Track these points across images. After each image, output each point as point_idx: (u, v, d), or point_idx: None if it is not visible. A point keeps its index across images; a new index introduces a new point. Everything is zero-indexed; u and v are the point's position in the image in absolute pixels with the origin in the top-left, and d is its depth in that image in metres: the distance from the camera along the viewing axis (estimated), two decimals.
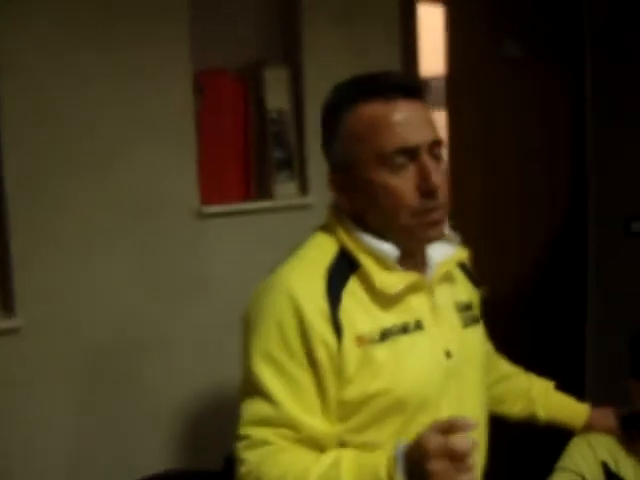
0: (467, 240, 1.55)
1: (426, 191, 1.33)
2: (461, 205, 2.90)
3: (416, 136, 1.33)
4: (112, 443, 2.10)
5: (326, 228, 1.45)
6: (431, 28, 2.98)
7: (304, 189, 2.45)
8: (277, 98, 2.38)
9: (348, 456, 1.23)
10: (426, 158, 1.34)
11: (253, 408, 1.32)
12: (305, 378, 1.30)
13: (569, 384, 1.82)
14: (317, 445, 1.30)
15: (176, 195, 2.20)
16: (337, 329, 1.31)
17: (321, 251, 1.40)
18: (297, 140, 2.43)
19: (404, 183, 1.33)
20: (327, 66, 2.36)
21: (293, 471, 1.23)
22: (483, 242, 2.87)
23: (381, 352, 1.32)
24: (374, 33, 2.60)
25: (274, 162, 2.38)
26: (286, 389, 1.30)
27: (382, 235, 1.38)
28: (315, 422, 1.30)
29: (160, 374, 2.17)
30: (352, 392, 1.32)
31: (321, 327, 1.30)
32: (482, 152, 2.99)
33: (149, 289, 2.16)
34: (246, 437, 1.31)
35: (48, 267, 1.99)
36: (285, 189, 2.41)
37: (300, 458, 1.26)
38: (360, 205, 1.39)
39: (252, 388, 1.32)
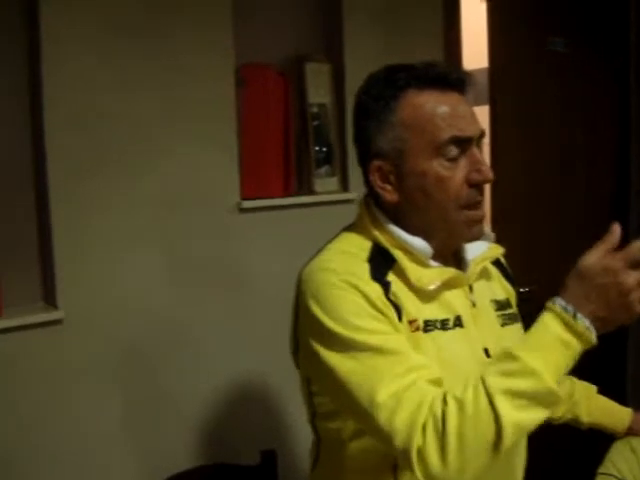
0: (508, 237, 1.53)
1: (478, 181, 1.32)
2: (502, 204, 2.87)
3: (470, 127, 1.33)
4: (147, 437, 2.12)
5: (355, 226, 1.42)
6: (474, 20, 2.95)
7: (345, 184, 2.44)
8: (318, 93, 2.37)
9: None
10: (476, 150, 1.33)
11: (383, 368, 1.19)
12: (396, 335, 1.25)
13: (609, 386, 1.79)
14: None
15: (217, 189, 2.20)
16: (395, 307, 1.27)
17: (355, 247, 1.36)
18: (338, 135, 2.42)
19: (456, 175, 1.31)
20: (369, 60, 2.31)
21: (467, 386, 1.14)
22: (525, 242, 2.84)
23: (428, 343, 1.29)
24: (416, 27, 2.59)
25: (315, 157, 2.37)
26: (396, 343, 1.23)
27: (423, 232, 1.34)
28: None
29: (198, 368, 2.18)
30: None
31: (382, 300, 1.26)
32: (524, 148, 2.94)
33: (188, 284, 2.17)
34: (394, 394, 1.16)
35: (89, 261, 2.01)
36: (325, 184, 2.40)
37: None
38: (405, 197, 1.34)
39: (364, 356, 1.21)
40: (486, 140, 2.82)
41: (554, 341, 1.13)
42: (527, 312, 1.58)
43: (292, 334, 1.39)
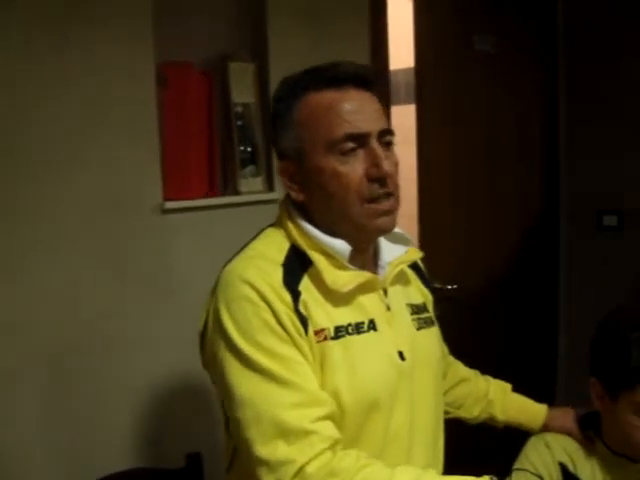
0: (436, 237, 1.54)
1: (376, 177, 1.33)
2: (430, 201, 2.89)
3: (366, 123, 1.34)
4: (74, 440, 2.08)
5: (277, 224, 1.44)
6: (401, 20, 2.96)
7: (270, 184, 2.43)
8: (243, 92, 2.35)
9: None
10: (376, 145, 1.34)
11: (272, 396, 1.23)
12: (299, 356, 1.27)
13: (540, 383, 1.82)
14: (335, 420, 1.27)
15: (139, 191, 2.16)
16: (302, 320, 1.29)
17: (273, 247, 1.38)
18: (263, 135, 2.40)
19: (353, 170, 1.33)
20: (294, 60, 2.29)
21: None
22: (452, 239, 2.86)
23: (336, 350, 1.30)
24: (342, 26, 2.59)
25: (239, 157, 2.35)
26: (294, 373, 1.25)
27: (332, 231, 1.36)
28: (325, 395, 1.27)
29: (123, 371, 2.15)
30: None
31: (289, 315, 1.28)
32: (452, 148, 2.97)
33: (112, 286, 2.13)
34: (281, 423, 1.21)
35: (7, 264, 1.96)
36: (250, 184, 2.38)
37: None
38: (309, 196, 1.38)
39: (261, 379, 1.24)
40: (413, 138, 2.86)
41: None
42: (450, 309, 1.60)
43: (201, 332, 1.40)
